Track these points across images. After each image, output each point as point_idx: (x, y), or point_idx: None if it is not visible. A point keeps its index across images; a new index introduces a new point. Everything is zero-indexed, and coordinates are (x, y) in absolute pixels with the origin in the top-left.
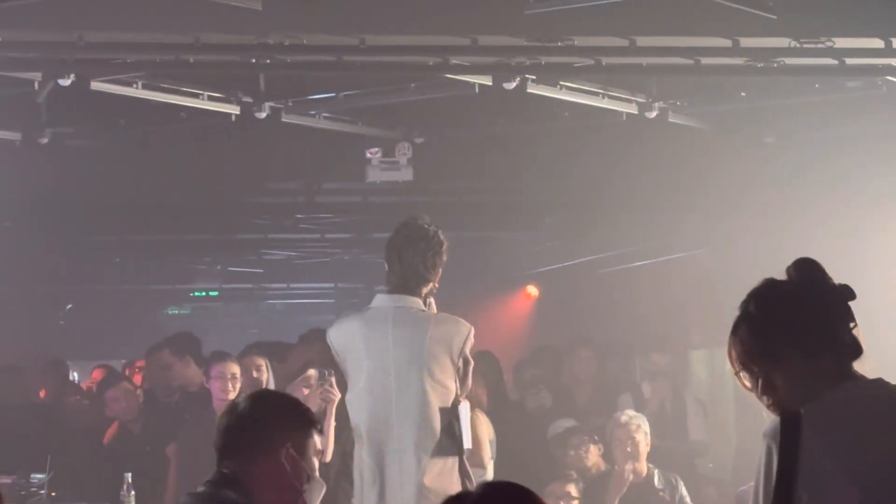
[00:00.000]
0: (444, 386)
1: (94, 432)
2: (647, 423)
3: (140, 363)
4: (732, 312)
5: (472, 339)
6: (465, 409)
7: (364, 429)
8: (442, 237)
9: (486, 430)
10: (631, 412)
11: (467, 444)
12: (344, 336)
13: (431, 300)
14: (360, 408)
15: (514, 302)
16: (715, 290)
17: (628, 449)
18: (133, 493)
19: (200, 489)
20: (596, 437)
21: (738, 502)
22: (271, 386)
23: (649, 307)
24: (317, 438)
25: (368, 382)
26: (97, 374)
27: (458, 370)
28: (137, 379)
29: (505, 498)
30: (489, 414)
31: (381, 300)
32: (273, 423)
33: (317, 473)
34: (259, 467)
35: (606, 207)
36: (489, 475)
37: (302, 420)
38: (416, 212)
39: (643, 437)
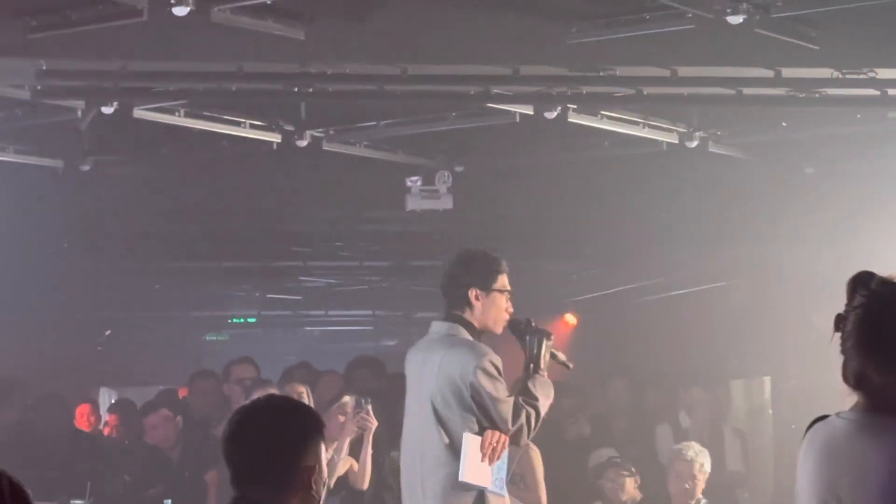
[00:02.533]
0: (448, 417)
1: (134, 459)
2: (708, 460)
3: (182, 390)
4: (771, 341)
5: (487, 368)
6: (467, 440)
7: (399, 459)
8: (477, 252)
9: (541, 468)
10: (696, 447)
11: (462, 476)
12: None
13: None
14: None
15: (553, 330)
16: (754, 319)
17: (687, 486)
18: None
19: None
20: (633, 470)
21: None
22: None
23: (688, 336)
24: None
25: (406, 412)
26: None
27: (469, 402)
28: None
29: None
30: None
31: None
32: (297, 442)
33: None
34: (291, 495)
35: (646, 236)
36: None
37: (317, 429)
38: (456, 240)
39: (702, 476)
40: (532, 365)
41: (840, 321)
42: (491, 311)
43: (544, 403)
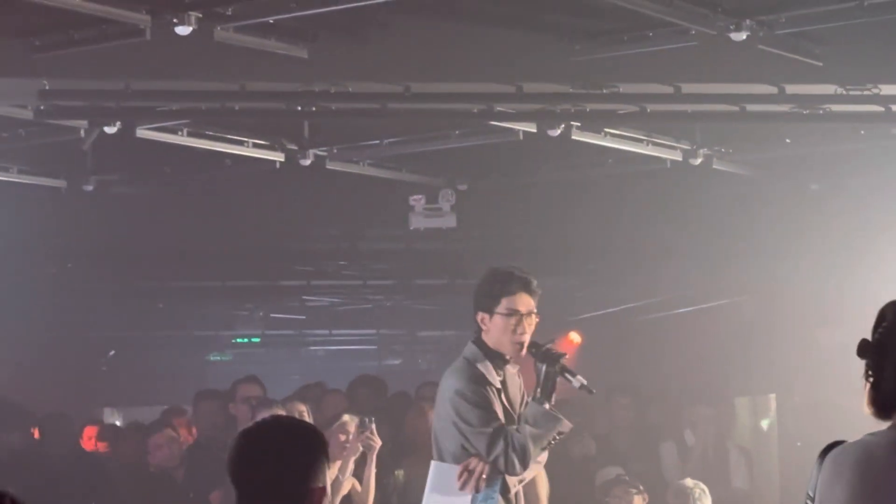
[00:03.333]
0: (440, 443)
1: (138, 479)
2: (709, 497)
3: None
4: (776, 358)
5: (464, 391)
6: (433, 468)
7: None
8: (495, 272)
9: (544, 486)
10: (691, 482)
11: None
12: None
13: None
14: None
15: (558, 348)
16: (758, 336)
17: None
18: None
19: None
20: (641, 487)
21: None
22: None
23: (693, 354)
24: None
25: None
26: (90, 431)
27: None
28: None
29: None
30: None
31: None
32: (306, 464)
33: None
34: None
35: (650, 254)
36: None
37: (324, 450)
38: (460, 259)
39: None
40: (535, 392)
41: (865, 348)
42: (495, 334)
43: (537, 434)
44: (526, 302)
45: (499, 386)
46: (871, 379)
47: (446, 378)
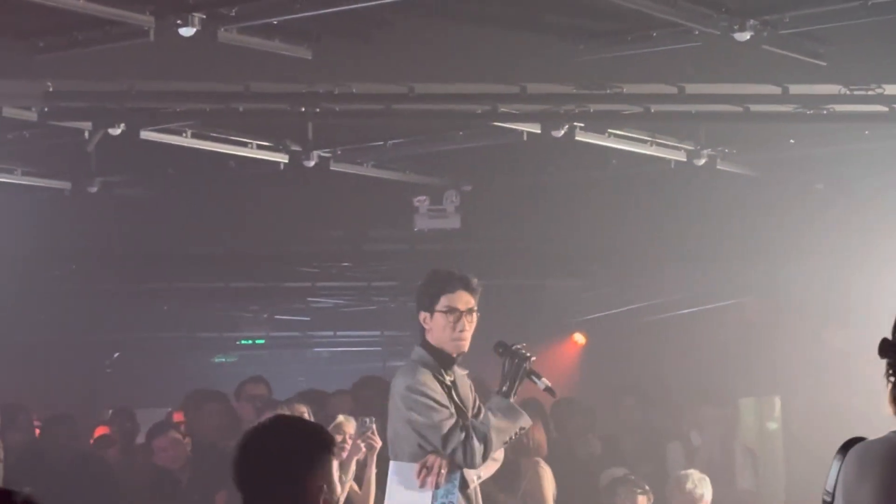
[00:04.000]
0: (397, 444)
1: (143, 480)
2: (710, 489)
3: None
4: (781, 359)
5: (413, 387)
6: (392, 468)
7: None
8: (435, 272)
9: (550, 486)
10: (696, 477)
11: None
12: None
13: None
14: None
15: (562, 349)
16: (763, 337)
17: None
18: None
19: None
20: (646, 488)
21: None
22: None
23: (698, 354)
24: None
25: None
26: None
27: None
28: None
29: None
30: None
31: None
32: (305, 461)
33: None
34: None
35: (654, 255)
36: None
37: (326, 448)
38: (464, 260)
39: None
40: (500, 387)
41: (887, 347)
42: (437, 332)
43: (500, 426)
44: (465, 300)
45: (449, 384)
46: (893, 378)
47: (395, 379)
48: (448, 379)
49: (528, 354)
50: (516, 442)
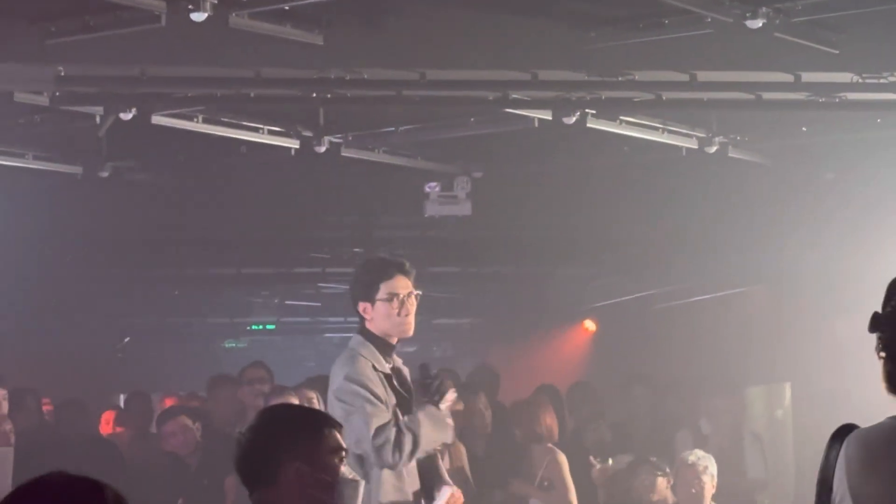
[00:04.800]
0: None
1: (153, 465)
2: (714, 465)
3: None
4: (791, 347)
5: (351, 376)
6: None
7: None
8: (369, 261)
9: (567, 470)
10: (700, 453)
11: None
12: None
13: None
14: None
15: (572, 336)
16: (774, 325)
17: (693, 490)
18: None
19: None
20: (666, 470)
21: None
22: None
23: (709, 342)
24: (333, 436)
25: None
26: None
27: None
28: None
29: None
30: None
31: None
32: (278, 448)
33: (343, 473)
34: (280, 495)
35: (665, 242)
36: None
37: (306, 429)
38: (474, 246)
39: (709, 480)
40: (433, 397)
41: (878, 321)
42: (379, 321)
43: (429, 435)
44: (404, 284)
45: (388, 372)
46: (884, 353)
47: (333, 370)
48: (388, 367)
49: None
50: (527, 428)
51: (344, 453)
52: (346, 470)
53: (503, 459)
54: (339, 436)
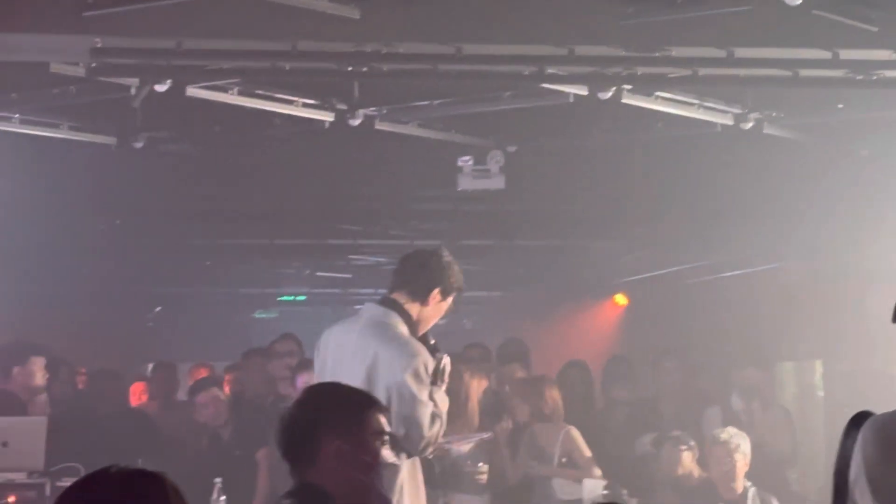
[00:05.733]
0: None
1: (185, 436)
2: (747, 442)
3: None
4: (823, 324)
5: (419, 369)
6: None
7: None
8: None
9: (584, 444)
10: (732, 430)
11: None
12: None
13: None
14: None
15: (603, 310)
16: (806, 301)
17: (725, 468)
18: (223, 498)
19: (284, 502)
20: (692, 444)
21: None
22: None
23: (739, 318)
24: (377, 418)
25: None
26: (137, 387)
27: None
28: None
29: None
30: (580, 426)
31: None
32: (318, 426)
33: (384, 456)
34: (320, 473)
35: (698, 218)
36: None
37: (348, 412)
38: (507, 220)
39: (742, 458)
40: (436, 381)
41: None
42: (436, 314)
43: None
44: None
45: None
46: None
47: (389, 352)
48: None
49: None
50: (535, 408)
51: (386, 436)
52: (386, 453)
53: (519, 438)
54: (382, 419)
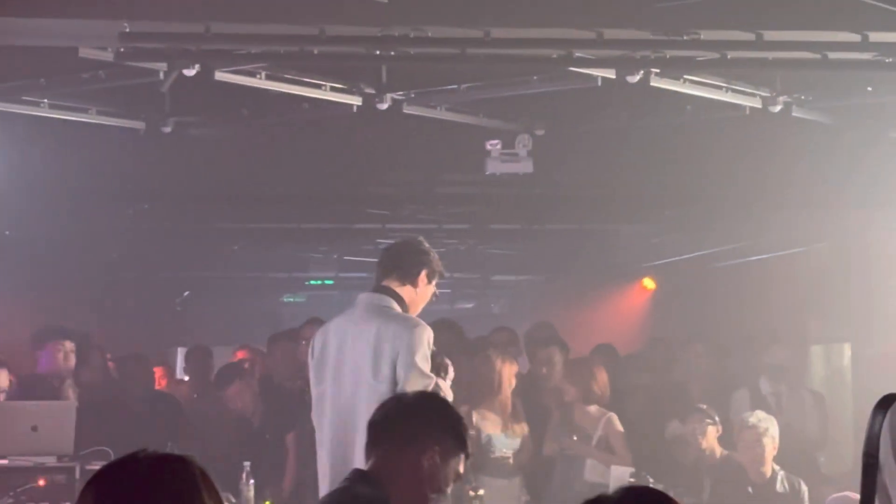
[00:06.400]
0: (375, 388)
1: (215, 420)
2: (775, 426)
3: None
4: (852, 307)
5: (421, 337)
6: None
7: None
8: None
9: (621, 430)
10: (761, 414)
11: None
12: None
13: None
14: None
15: (631, 294)
16: (835, 284)
17: (754, 452)
18: (252, 481)
19: (340, 485)
20: (716, 419)
21: None
22: None
23: (767, 301)
24: (466, 465)
25: (325, 381)
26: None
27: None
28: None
29: (645, 503)
30: (609, 408)
31: None
32: (426, 422)
33: (449, 489)
34: (397, 463)
35: (726, 201)
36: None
37: (457, 432)
38: (535, 204)
39: (770, 442)
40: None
41: None
42: (424, 297)
43: None
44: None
45: None
46: None
47: (391, 327)
48: None
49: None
50: (585, 389)
51: (457, 481)
52: None
53: (562, 418)
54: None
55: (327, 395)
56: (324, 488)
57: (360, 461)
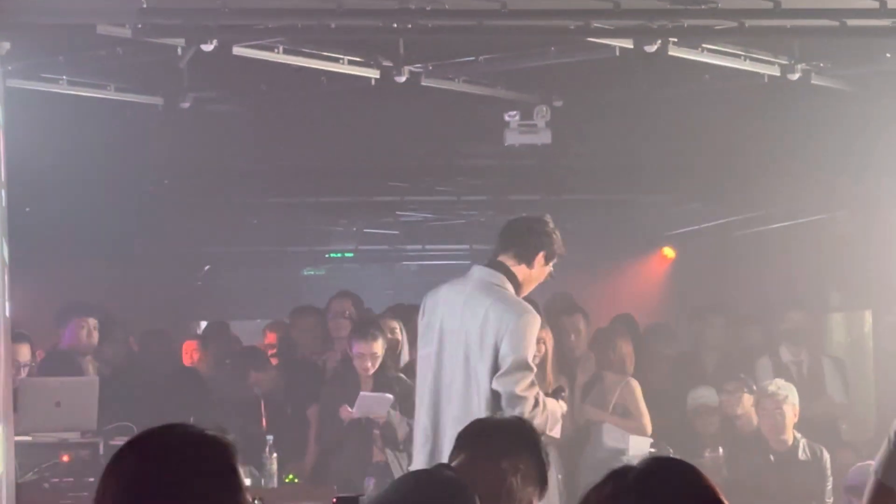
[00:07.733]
0: (478, 369)
1: (236, 395)
2: (795, 394)
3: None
4: (872, 275)
5: (531, 323)
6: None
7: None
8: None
9: (641, 396)
10: (780, 382)
11: None
12: None
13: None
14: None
15: (651, 264)
16: (855, 252)
17: (775, 420)
18: (275, 455)
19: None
20: (754, 388)
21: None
22: (405, 347)
23: (789, 269)
24: (538, 494)
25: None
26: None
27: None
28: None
29: (671, 474)
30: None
31: None
32: (518, 444)
33: None
34: (481, 472)
35: (746, 169)
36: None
37: (540, 461)
38: (554, 175)
39: (790, 409)
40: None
41: None
42: (539, 277)
43: (550, 421)
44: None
45: None
46: None
47: (500, 309)
48: None
49: None
50: (603, 357)
51: None
52: None
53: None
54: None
55: (431, 360)
56: (419, 442)
57: (451, 430)
